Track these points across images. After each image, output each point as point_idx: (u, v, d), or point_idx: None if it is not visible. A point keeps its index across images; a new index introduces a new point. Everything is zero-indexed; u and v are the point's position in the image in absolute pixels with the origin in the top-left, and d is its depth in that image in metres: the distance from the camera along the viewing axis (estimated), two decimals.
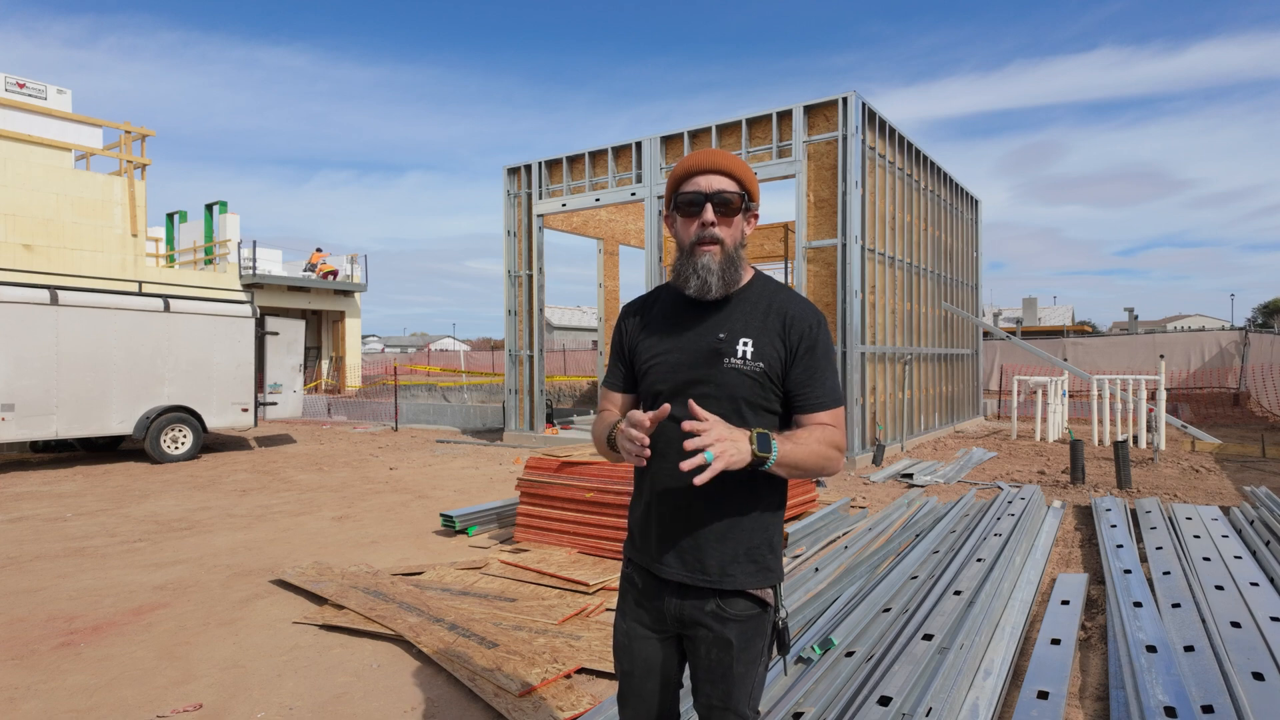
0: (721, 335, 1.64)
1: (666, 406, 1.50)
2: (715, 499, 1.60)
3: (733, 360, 1.62)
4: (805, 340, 1.65)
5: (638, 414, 1.50)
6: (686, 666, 1.78)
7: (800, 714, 2.81)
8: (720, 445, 1.41)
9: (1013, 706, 2.95)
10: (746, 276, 1.71)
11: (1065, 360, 18.28)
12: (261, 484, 8.94)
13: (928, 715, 2.77)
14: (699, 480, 1.38)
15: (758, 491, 1.64)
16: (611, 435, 1.64)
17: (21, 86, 15.16)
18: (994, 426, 14.86)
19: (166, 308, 10.85)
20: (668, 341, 1.69)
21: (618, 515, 5.15)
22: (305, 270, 24.53)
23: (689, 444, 1.40)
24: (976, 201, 16.52)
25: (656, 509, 1.66)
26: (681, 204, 1.64)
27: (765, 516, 1.66)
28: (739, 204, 1.63)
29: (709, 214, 1.61)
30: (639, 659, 1.74)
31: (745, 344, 1.63)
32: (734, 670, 1.65)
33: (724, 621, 1.63)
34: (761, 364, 1.62)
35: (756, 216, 1.70)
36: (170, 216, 23.69)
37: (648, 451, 1.50)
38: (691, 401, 1.48)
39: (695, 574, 1.63)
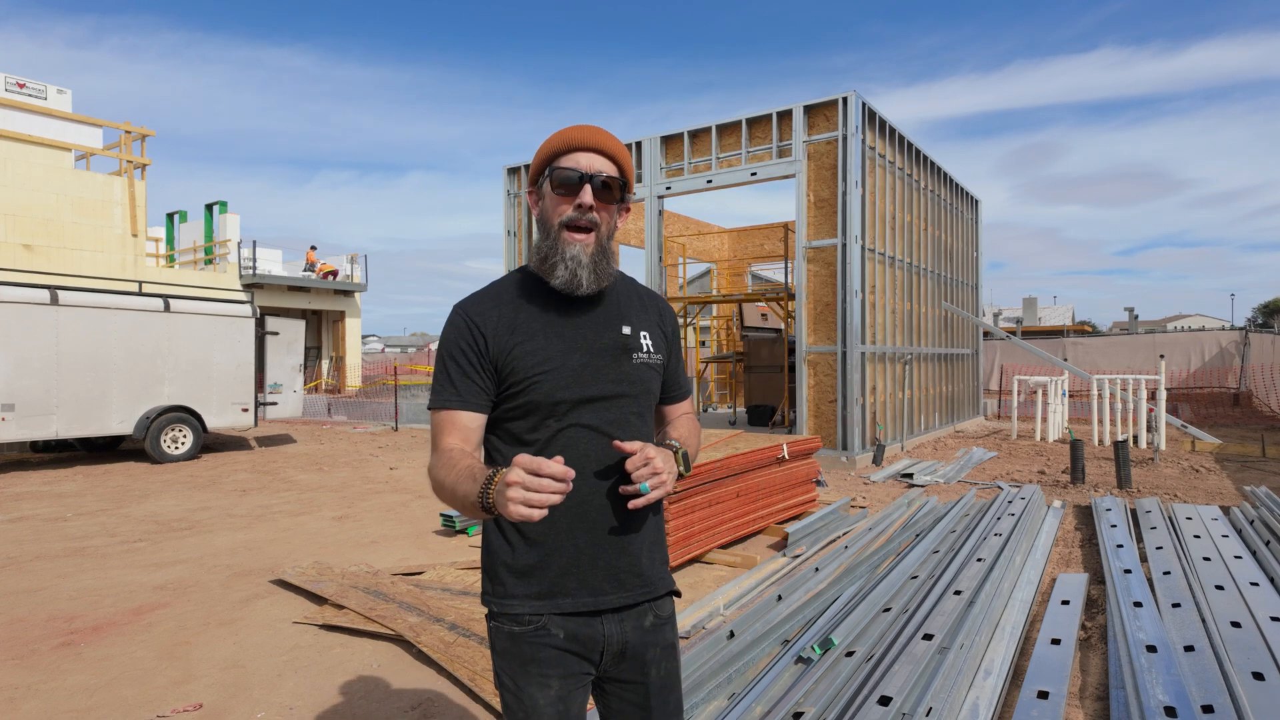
0: (626, 329, 1.52)
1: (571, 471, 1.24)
2: (640, 509, 1.48)
3: (640, 355, 1.53)
4: (674, 332, 1.66)
5: (551, 465, 1.19)
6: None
7: (800, 714, 2.81)
8: (658, 478, 1.34)
9: (1013, 706, 2.95)
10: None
11: (1065, 360, 18.28)
12: (261, 484, 8.94)
13: (928, 715, 2.77)
14: (633, 505, 1.34)
15: None
16: (488, 492, 1.27)
17: (21, 86, 15.16)
18: (994, 426, 14.86)
19: (166, 308, 10.85)
20: (558, 343, 1.47)
21: None
22: (305, 270, 24.54)
23: (645, 479, 1.33)
24: (976, 201, 16.52)
25: (584, 536, 1.45)
26: (556, 180, 1.45)
27: (660, 516, 1.61)
28: (618, 192, 1.49)
29: (587, 195, 1.44)
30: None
31: (645, 337, 1.55)
32: (677, 672, 1.60)
33: (661, 628, 1.54)
34: (660, 356, 1.58)
35: (629, 210, 1.58)
36: (170, 216, 23.70)
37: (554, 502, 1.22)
38: (618, 443, 1.38)
39: (635, 591, 1.50)
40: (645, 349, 1.54)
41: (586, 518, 1.44)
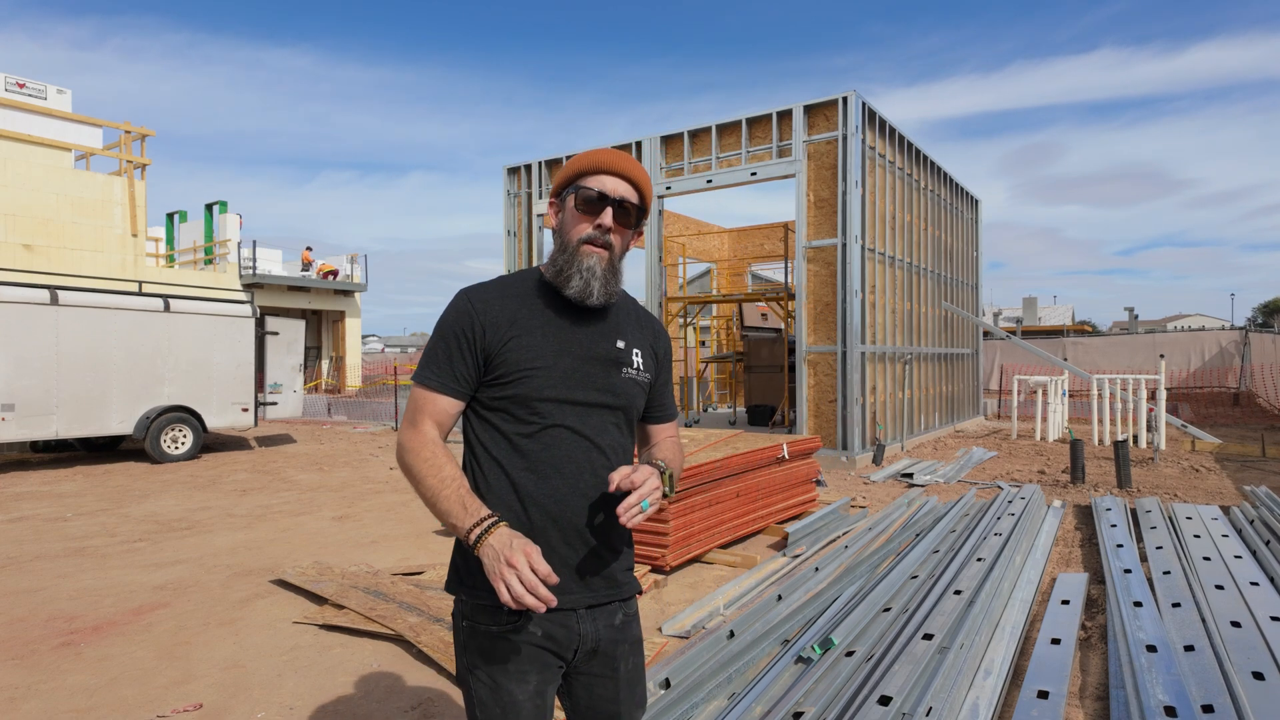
0: (620, 344, 1.58)
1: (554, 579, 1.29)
2: (613, 512, 1.48)
3: (629, 370, 1.58)
4: (666, 354, 1.71)
5: (545, 567, 1.28)
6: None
7: (800, 714, 2.81)
8: (654, 494, 1.40)
9: (1013, 706, 2.95)
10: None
11: (1065, 360, 18.28)
12: (261, 484, 8.94)
13: (928, 715, 2.77)
14: (627, 520, 1.37)
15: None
16: (480, 541, 1.32)
17: (21, 86, 15.15)
18: (994, 426, 14.86)
19: (166, 308, 10.84)
20: (553, 343, 1.51)
21: None
22: (303, 271, 24.54)
23: (646, 497, 1.38)
24: (976, 201, 16.52)
25: (557, 534, 1.48)
26: (580, 199, 1.52)
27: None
28: (635, 218, 1.55)
29: (608, 218, 1.50)
30: (546, 713, 1.52)
31: (636, 354, 1.60)
32: (643, 665, 1.66)
33: (629, 625, 1.61)
34: (648, 375, 1.63)
35: (641, 234, 1.63)
36: (170, 216, 23.70)
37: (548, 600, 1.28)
38: (614, 475, 1.41)
39: (601, 593, 1.54)
40: (635, 365, 1.59)
41: (562, 519, 1.48)
